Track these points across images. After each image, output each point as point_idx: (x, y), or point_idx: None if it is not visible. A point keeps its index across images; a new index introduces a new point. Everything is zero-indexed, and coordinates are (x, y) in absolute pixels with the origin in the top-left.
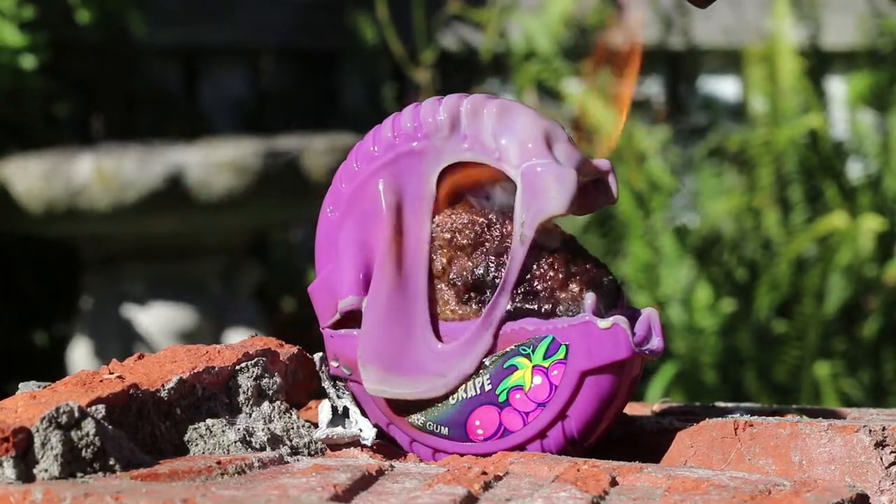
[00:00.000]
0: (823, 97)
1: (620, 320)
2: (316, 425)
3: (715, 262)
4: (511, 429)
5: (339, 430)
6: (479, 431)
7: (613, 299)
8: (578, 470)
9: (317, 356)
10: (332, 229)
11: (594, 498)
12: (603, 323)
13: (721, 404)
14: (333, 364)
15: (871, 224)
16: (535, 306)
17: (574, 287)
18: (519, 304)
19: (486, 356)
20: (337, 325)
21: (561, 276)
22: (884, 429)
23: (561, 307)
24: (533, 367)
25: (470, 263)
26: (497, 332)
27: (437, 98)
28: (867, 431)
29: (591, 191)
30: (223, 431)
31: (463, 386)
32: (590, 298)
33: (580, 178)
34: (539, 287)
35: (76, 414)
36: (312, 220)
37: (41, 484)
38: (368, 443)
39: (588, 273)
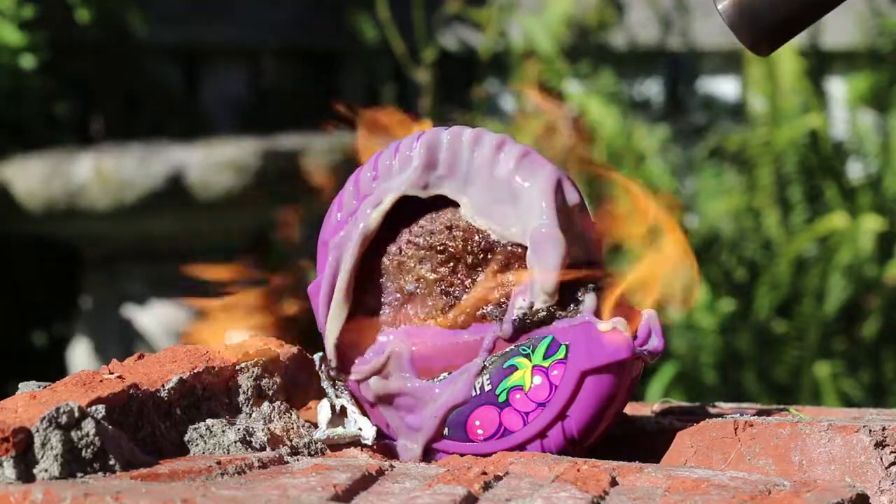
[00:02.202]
0: (823, 97)
1: (620, 322)
2: (316, 425)
3: (714, 262)
4: (511, 429)
5: (339, 429)
6: (479, 431)
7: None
8: (578, 470)
9: (317, 356)
10: (335, 234)
11: (594, 498)
12: (603, 325)
13: (721, 404)
14: (333, 363)
15: (871, 224)
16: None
17: (574, 290)
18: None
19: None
20: None
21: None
22: (884, 429)
23: (560, 313)
24: (533, 367)
25: (468, 283)
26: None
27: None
28: (867, 432)
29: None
30: (223, 431)
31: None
32: (590, 300)
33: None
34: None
35: (76, 414)
36: (312, 219)
37: (41, 484)
38: (369, 442)
39: (588, 275)
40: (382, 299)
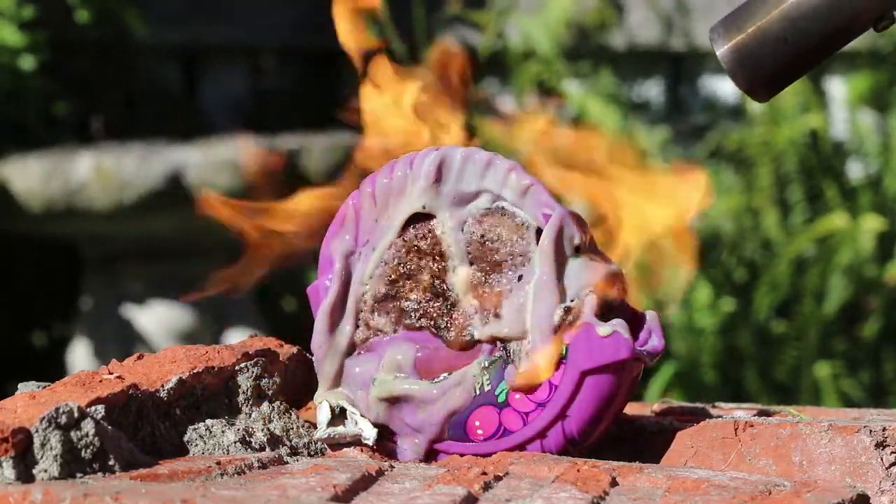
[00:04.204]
0: (823, 97)
1: (619, 323)
2: (316, 425)
3: (714, 262)
4: (511, 429)
5: (340, 429)
6: (479, 432)
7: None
8: (578, 470)
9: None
10: (342, 246)
11: (594, 498)
12: (602, 329)
13: (721, 404)
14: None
15: (871, 224)
16: None
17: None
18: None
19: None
20: None
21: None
22: (884, 429)
23: None
24: None
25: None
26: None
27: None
28: (868, 432)
29: None
30: (222, 432)
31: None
32: (590, 300)
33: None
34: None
35: (76, 414)
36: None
37: (41, 484)
38: (371, 442)
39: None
40: (382, 304)
